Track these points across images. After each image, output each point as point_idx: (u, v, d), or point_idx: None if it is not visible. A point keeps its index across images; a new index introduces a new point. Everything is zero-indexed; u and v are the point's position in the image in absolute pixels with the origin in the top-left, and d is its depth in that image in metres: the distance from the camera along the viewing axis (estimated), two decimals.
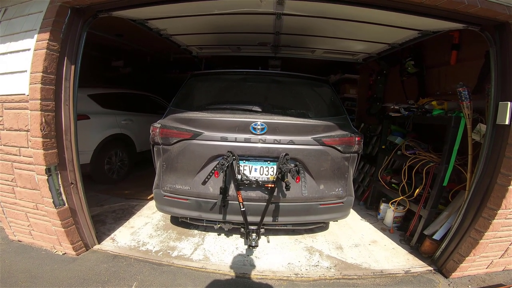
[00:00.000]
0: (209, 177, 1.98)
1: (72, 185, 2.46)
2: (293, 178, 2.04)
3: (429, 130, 3.28)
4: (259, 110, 2.32)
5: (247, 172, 2.32)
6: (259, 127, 2.19)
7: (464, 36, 3.01)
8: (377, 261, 2.72)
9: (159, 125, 2.41)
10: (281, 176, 2.13)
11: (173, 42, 3.88)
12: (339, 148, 2.33)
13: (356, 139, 2.41)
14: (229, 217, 2.51)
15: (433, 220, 2.82)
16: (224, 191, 2.26)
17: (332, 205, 2.52)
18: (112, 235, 2.99)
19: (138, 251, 2.73)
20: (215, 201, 2.35)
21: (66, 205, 2.44)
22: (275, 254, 2.77)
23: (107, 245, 2.83)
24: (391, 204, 3.22)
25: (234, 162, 2.17)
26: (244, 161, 2.30)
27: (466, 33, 2.85)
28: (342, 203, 2.56)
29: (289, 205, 2.44)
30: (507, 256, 2.47)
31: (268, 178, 2.33)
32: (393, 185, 3.31)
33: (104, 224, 3.20)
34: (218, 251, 2.78)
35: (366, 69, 4.89)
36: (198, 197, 2.41)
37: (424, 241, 2.77)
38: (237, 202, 2.31)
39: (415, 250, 2.87)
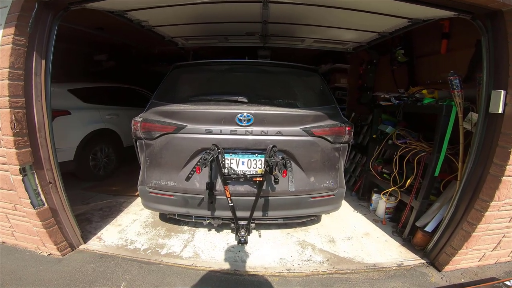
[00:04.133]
0: (192, 172, 1.88)
1: (51, 184, 2.33)
2: (279, 172, 1.95)
3: (419, 119, 3.21)
4: (245, 101, 2.20)
5: (234, 166, 2.21)
6: (245, 118, 2.08)
7: (454, 25, 2.94)
8: (370, 254, 2.67)
9: (140, 119, 2.28)
10: (269, 169, 2.04)
11: (157, 33, 3.70)
12: (329, 138, 2.24)
13: (347, 129, 2.32)
14: (218, 213, 2.42)
15: (425, 211, 2.77)
16: (210, 186, 2.16)
17: (323, 197, 2.45)
18: (98, 234, 2.88)
19: (126, 250, 2.63)
20: (203, 196, 2.26)
21: (46, 205, 2.32)
22: (267, 249, 2.70)
23: (94, 244, 2.72)
24: (383, 195, 3.18)
25: (219, 155, 2.07)
26: (230, 154, 2.19)
27: (456, 22, 2.79)
28: (334, 195, 2.49)
29: (279, 198, 2.36)
30: (499, 248, 2.43)
31: (256, 171, 2.23)
32: (384, 175, 3.25)
33: (90, 222, 3.08)
34: (209, 247, 2.70)
35: (356, 59, 4.79)
36: (185, 193, 2.31)
37: (416, 233, 2.72)
38: (225, 197, 2.22)
39: (407, 242, 2.82)
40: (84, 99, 4.04)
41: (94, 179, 4.14)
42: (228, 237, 2.85)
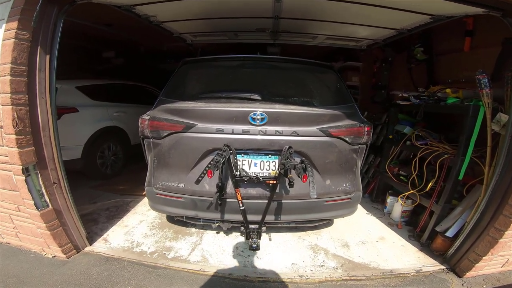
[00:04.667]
0: (202, 175, 1.73)
1: (55, 184, 2.22)
2: (299, 177, 1.77)
3: (439, 119, 3.00)
4: (259, 98, 2.05)
5: (246, 168, 2.06)
6: (258, 117, 1.93)
7: (478, 23, 2.75)
8: (386, 259, 2.51)
9: (148, 117, 2.14)
10: (283, 171, 1.88)
11: (165, 29, 3.55)
12: (347, 139, 2.07)
13: (366, 129, 2.14)
14: (227, 216, 2.27)
15: (446, 215, 2.58)
16: (221, 189, 2.02)
17: (339, 201, 2.28)
18: (104, 236, 2.76)
19: (132, 253, 2.51)
20: (212, 199, 2.11)
21: (50, 206, 2.21)
22: (277, 253, 2.55)
23: (99, 246, 2.61)
24: (400, 198, 2.99)
25: (231, 156, 1.91)
26: (242, 155, 2.04)
27: (480, 19, 2.59)
28: (350, 198, 2.32)
29: (292, 202, 2.20)
30: None
31: (269, 173, 2.08)
32: (401, 177, 3.06)
33: (97, 223, 2.96)
34: (217, 251, 2.56)
35: (369, 56, 4.57)
36: (194, 195, 2.16)
37: (436, 238, 2.55)
38: (236, 200, 2.07)
39: (426, 247, 2.66)
40: (92, 96, 3.93)
41: (101, 178, 4.04)
42: (237, 241, 2.70)
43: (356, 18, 2.81)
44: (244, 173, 2.03)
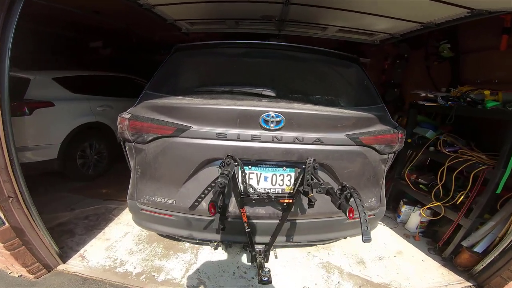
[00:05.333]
0: (200, 199, 1.23)
1: (11, 199, 1.68)
2: (339, 208, 1.19)
3: (468, 124, 2.57)
4: (272, 94, 1.55)
5: (254, 182, 1.57)
6: (273, 119, 1.43)
7: None
8: (408, 278, 2.14)
9: (128, 116, 1.61)
10: (303, 189, 1.42)
11: (157, 15, 2.96)
12: (378, 148, 1.61)
13: (399, 136, 1.69)
14: (229, 238, 1.81)
15: (475, 230, 2.20)
16: (223, 210, 1.54)
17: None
18: (82, 251, 2.26)
19: (115, 274, 2.03)
20: (210, 218, 1.63)
21: (7, 224, 1.71)
22: (285, 274, 2.11)
23: (75, 264, 2.11)
24: (418, 207, 2.59)
25: (237, 170, 1.43)
26: (249, 167, 1.55)
27: None
28: (374, 215, 1.88)
29: (308, 222, 1.75)
30: None
31: (283, 189, 1.60)
32: (420, 185, 2.65)
33: (73, 235, 2.44)
34: (215, 272, 2.10)
35: (379, 52, 4.09)
36: (187, 213, 1.67)
37: (462, 253, 2.18)
38: (240, 221, 1.61)
39: (448, 261, 2.30)
40: (72, 89, 3.31)
41: (83, 179, 3.46)
42: (238, 259, 2.25)
43: (378, 8, 2.30)
44: (251, 189, 1.55)
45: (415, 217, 2.69)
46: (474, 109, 2.13)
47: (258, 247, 1.82)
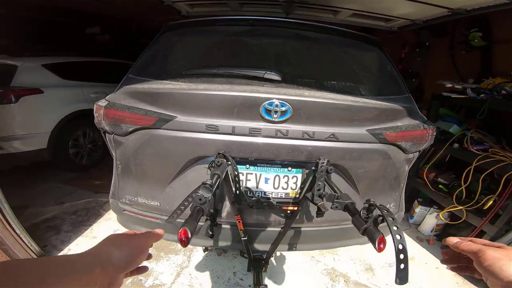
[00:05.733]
0: (179, 211, 0.95)
1: None
2: (367, 235, 0.80)
3: (498, 119, 2.22)
4: (277, 78, 1.21)
5: (252, 185, 1.27)
6: (277, 108, 1.11)
7: None
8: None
9: (104, 104, 1.32)
10: (311, 195, 1.13)
11: None
12: (404, 146, 1.30)
13: (429, 132, 1.37)
14: (223, 244, 1.53)
15: (499, 237, 1.91)
16: (213, 216, 1.27)
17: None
18: (65, 250, 2.03)
19: None
20: (201, 224, 1.36)
21: None
22: (286, 282, 1.87)
23: None
24: (442, 213, 2.28)
25: (230, 170, 1.14)
26: (247, 166, 1.25)
27: None
28: None
29: (315, 230, 1.46)
30: None
31: (287, 194, 1.30)
32: (440, 185, 2.34)
33: (58, 232, 2.21)
34: (210, 278, 1.86)
35: (396, 40, 3.66)
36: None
37: None
38: (235, 227, 1.34)
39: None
40: (64, 75, 3.03)
41: (76, 170, 3.22)
42: (235, 263, 2.00)
43: None
44: (249, 193, 1.26)
45: (430, 219, 2.39)
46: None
47: (256, 256, 1.55)
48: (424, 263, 2.17)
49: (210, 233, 1.31)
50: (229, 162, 1.09)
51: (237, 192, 1.17)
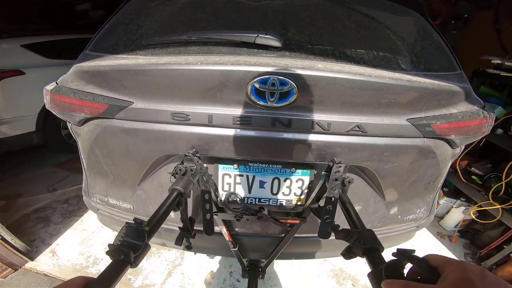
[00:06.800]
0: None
1: None
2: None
3: None
4: (277, 44, 0.78)
5: (241, 190, 0.93)
6: (274, 88, 0.71)
7: None
8: None
9: (51, 87, 0.97)
10: (319, 207, 0.77)
11: None
12: (455, 139, 0.90)
13: (489, 121, 0.93)
14: (212, 252, 1.26)
15: None
16: (186, 225, 0.94)
17: (401, 231, 1.21)
18: (54, 245, 1.82)
19: (85, 275, 1.58)
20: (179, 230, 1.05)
21: None
22: (287, 284, 1.61)
23: (45, 262, 1.70)
24: (472, 210, 1.90)
25: (202, 173, 0.78)
26: (235, 166, 0.89)
27: None
28: (417, 226, 1.24)
29: (320, 241, 1.14)
30: None
31: (289, 201, 0.94)
32: (473, 176, 1.93)
33: (48, 224, 1.99)
34: (203, 278, 1.62)
35: (427, 10, 3.04)
36: None
37: (507, 265, 1.64)
38: (224, 235, 1.03)
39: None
40: (48, 54, 2.69)
41: (69, 151, 2.94)
42: (231, 261, 1.74)
43: None
44: (236, 201, 0.92)
45: (457, 213, 2.02)
46: None
47: (251, 264, 1.26)
48: None
49: (187, 243, 1.00)
50: (201, 166, 0.73)
51: (221, 196, 0.83)
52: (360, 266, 1.78)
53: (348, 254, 0.63)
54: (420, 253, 0.97)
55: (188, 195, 0.77)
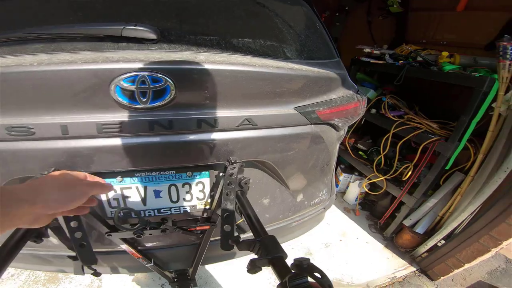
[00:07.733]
0: None
1: None
2: None
3: (412, 85, 2.18)
4: (151, 37, 0.65)
5: (134, 204, 0.78)
6: (144, 87, 0.59)
7: None
8: (357, 267, 1.84)
9: None
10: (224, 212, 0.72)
11: None
12: (338, 123, 0.98)
13: (362, 104, 1.06)
14: (128, 270, 1.06)
15: (417, 208, 1.92)
16: (82, 252, 0.73)
17: (312, 215, 1.29)
18: None
19: None
20: (65, 254, 0.82)
21: None
22: (219, 280, 1.54)
23: None
24: (358, 179, 2.22)
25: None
26: (119, 179, 0.74)
27: None
28: (324, 208, 1.35)
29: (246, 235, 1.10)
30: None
31: (193, 207, 0.85)
32: (360, 152, 2.25)
33: None
34: None
35: (316, 4, 3.37)
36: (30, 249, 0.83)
37: (403, 233, 1.93)
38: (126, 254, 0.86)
39: (389, 241, 2.05)
40: None
41: None
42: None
43: None
44: (130, 217, 0.77)
45: (354, 188, 2.32)
46: (429, 71, 1.66)
47: (176, 275, 1.12)
48: (355, 238, 2.07)
49: (92, 270, 0.80)
50: None
51: (112, 212, 0.68)
52: (289, 253, 1.81)
53: (253, 268, 0.56)
54: (337, 233, 0.99)
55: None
